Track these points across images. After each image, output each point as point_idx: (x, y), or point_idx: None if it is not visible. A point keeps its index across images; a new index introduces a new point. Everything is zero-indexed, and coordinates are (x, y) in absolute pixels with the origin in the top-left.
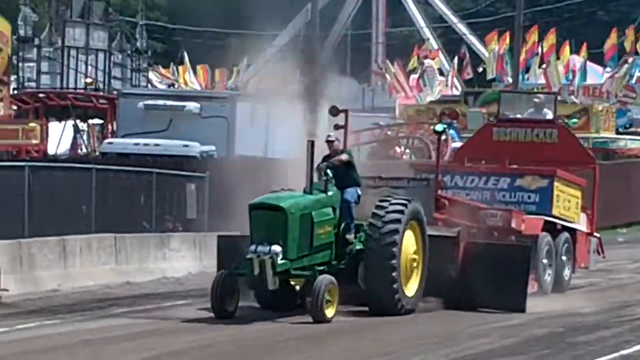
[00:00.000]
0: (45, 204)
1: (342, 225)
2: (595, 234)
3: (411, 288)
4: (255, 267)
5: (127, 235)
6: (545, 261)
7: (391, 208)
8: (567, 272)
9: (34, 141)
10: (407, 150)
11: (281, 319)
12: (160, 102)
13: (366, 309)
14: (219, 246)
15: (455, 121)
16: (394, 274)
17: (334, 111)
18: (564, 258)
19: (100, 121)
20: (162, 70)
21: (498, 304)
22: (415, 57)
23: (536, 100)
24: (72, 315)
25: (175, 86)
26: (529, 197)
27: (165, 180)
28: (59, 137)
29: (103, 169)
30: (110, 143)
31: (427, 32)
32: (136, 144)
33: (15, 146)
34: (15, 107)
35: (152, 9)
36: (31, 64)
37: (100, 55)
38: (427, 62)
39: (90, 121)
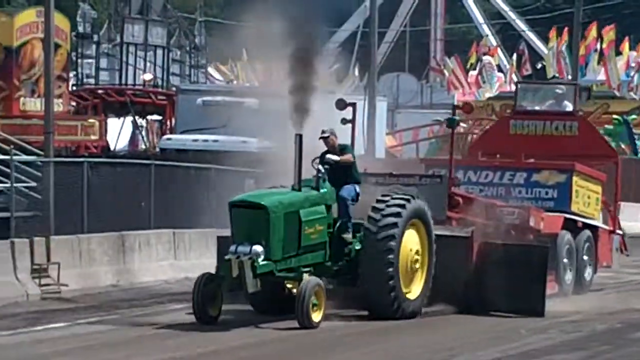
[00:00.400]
0: (104, 200)
1: (338, 224)
2: (618, 230)
3: (414, 291)
4: (233, 268)
5: (185, 231)
6: (565, 261)
7: (392, 202)
8: (588, 272)
9: (93, 137)
10: None
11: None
12: (219, 98)
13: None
14: (219, 247)
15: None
16: (390, 269)
17: (341, 104)
18: (585, 257)
19: (159, 117)
20: (221, 67)
21: (515, 308)
22: (474, 53)
23: (558, 91)
24: (130, 310)
25: (234, 83)
26: (547, 193)
27: (224, 175)
28: (118, 133)
29: (162, 165)
30: (169, 139)
31: (485, 29)
32: (195, 140)
33: (75, 142)
34: (74, 104)
35: (211, 6)
36: (90, 61)
37: (159, 52)
38: (485, 58)
39: (149, 117)
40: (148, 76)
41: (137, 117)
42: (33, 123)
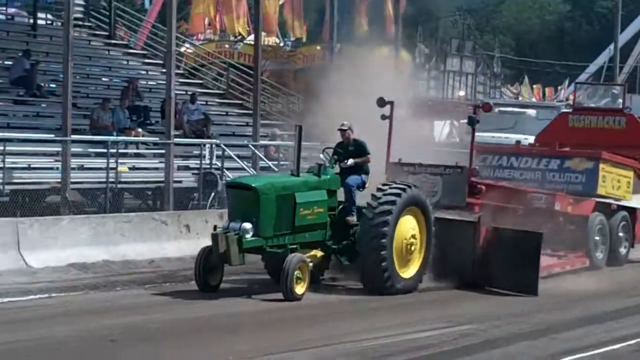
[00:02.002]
0: None
1: (340, 207)
2: None
3: (410, 271)
4: (220, 243)
5: None
6: (597, 238)
7: (389, 191)
8: (624, 248)
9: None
10: None
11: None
12: (509, 108)
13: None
14: None
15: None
16: (383, 252)
17: (381, 102)
18: (620, 234)
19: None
20: (510, 88)
21: (513, 287)
22: None
23: (614, 91)
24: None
25: (519, 99)
26: (576, 178)
27: None
28: (440, 130)
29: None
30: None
31: None
32: (492, 137)
33: None
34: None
35: (504, 46)
36: (423, 82)
37: (470, 77)
38: None
39: (462, 120)
40: (462, 93)
41: (453, 120)
42: None
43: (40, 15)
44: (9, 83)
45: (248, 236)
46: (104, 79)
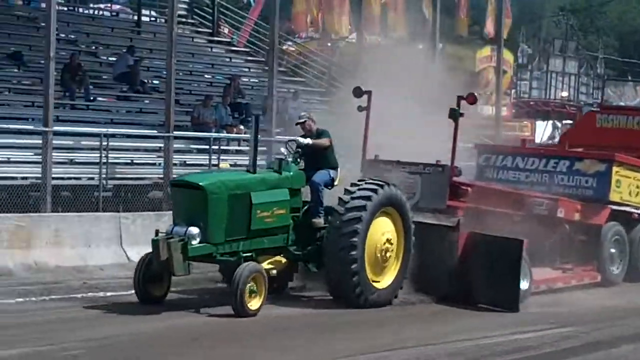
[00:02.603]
0: None
1: (306, 208)
2: None
3: (385, 280)
4: (162, 250)
5: None
6: (613, 251)
7: (358, 194)
8: None
9: (526, 133)
10: None
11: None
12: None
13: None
14: None
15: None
16: (353, 266)
17: (358, 92)
18: None
19: (570, 121)
20: (614, 89)
21: (491, 301)
22: None
23: None
24: None
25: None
26: (587, 182)
27: None
28: (542, 131)
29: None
30: None
31: None
32: None
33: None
34: (514, 110)
35: (608, 47)
36: (526, 82)
37: (572, 78)
38: None
39: (564, 121)
40: (564, 94)
41: (555, 121)
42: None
43: (144, 12)
44: (113, 79)
45: (194, 242)
46: (206, 76)
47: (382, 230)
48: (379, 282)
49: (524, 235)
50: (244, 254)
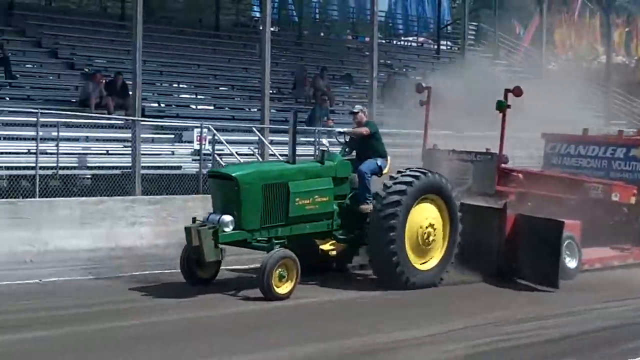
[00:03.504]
0: None
1: (350, 195)
2: None
3: (430, 262)
4: (193, 237)
5: None
6: None
7: (400, 179)
8: None
9: None
10: None
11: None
12: None
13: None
14: None
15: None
16: (392, 246)
17: (419, 88)
18: None
19: None
20: None
21: (536, 279)
22: None
23: None
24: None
25: None
26: None
27: None
28: None
29: None
30: None
31: None
32: None
33: None
34: None
35: None
36: None
37: None
38: None
39: None
40: None
41: None
42: None
43: (442, 42)
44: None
45: (227, 229)
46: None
47: (425, 216)
48: (422, 264)
49: (579, 218)
50: (278, 240)
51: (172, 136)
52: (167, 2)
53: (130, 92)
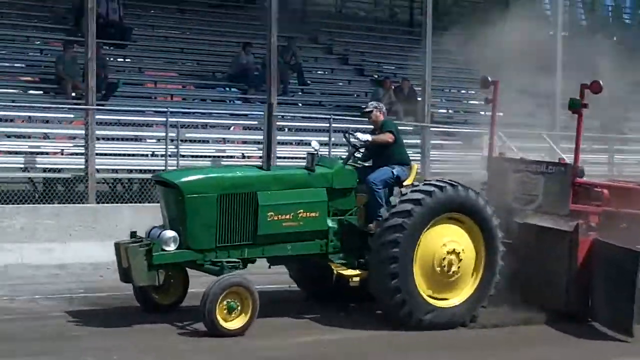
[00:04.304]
0: None
1: (351, 211)
2: None
3: (454, 297)
4: (123, 255)
5: None
6: None
7: (408, 196)
8: None
9: None
10: None
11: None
12: None
13: None
14: None
15: None
16: (394, 281)
17: (485, 83)
18: None
19: None
20: None
21: (608, 322)
22: None
23: None
24: None
25: None
26: None
27: None
28: None
29: None
30: None
31: None
32: None
33: None
34: None
35: None
36: None
37: None
38: None
39: None
40: None
41: None
42: None
43: None
44: None
45: (168, 248)
46: None
47: (443, 240)
48: (444, 299)
49: None
50: (228, 264)
51: (461, 142)
52: (454, 7)
53: (419, 98)
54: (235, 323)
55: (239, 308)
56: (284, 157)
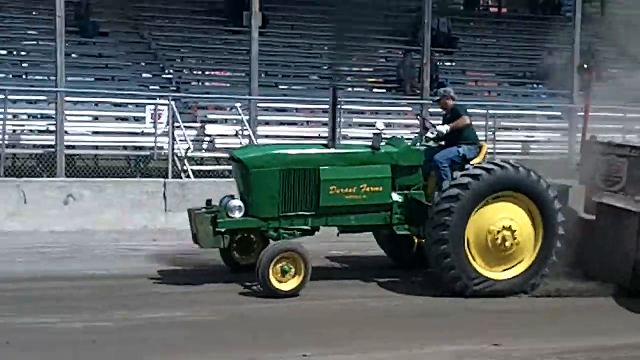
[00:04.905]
0: None
1: (416, 187)
2: None
3: (508, 271)
4: (192, 221)
5: None
6: None
7: (470, 171)
8: None
9: None
10: None
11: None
12: None
13: None
14: None
15: None
16: (446, 260)
17: (583, 70)
18: None
19: None
20: None
21: None
22: None
23: None
24: None
25: None
26: None
27: None
28: None
29: None
30: None
31: None
32: None
33: None
34: None
35: None
36: None
37: None
38: None
39: None
40: None
41: None
42: None
43: None
44: None
45: (234, 215)
46: None
47: (498, 217)
48: (498, 272)
49: None
50: (284, 231)
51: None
52: None
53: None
54: (288, 285)
55: (292, 271)
56: None
